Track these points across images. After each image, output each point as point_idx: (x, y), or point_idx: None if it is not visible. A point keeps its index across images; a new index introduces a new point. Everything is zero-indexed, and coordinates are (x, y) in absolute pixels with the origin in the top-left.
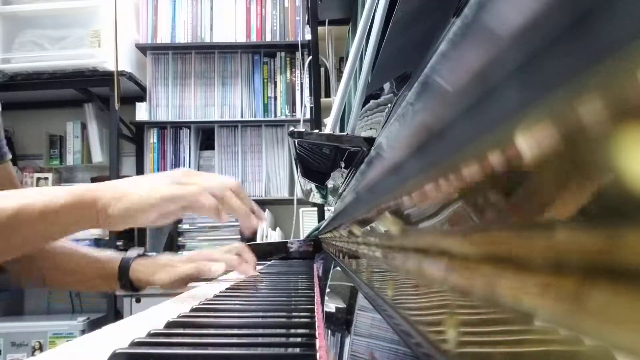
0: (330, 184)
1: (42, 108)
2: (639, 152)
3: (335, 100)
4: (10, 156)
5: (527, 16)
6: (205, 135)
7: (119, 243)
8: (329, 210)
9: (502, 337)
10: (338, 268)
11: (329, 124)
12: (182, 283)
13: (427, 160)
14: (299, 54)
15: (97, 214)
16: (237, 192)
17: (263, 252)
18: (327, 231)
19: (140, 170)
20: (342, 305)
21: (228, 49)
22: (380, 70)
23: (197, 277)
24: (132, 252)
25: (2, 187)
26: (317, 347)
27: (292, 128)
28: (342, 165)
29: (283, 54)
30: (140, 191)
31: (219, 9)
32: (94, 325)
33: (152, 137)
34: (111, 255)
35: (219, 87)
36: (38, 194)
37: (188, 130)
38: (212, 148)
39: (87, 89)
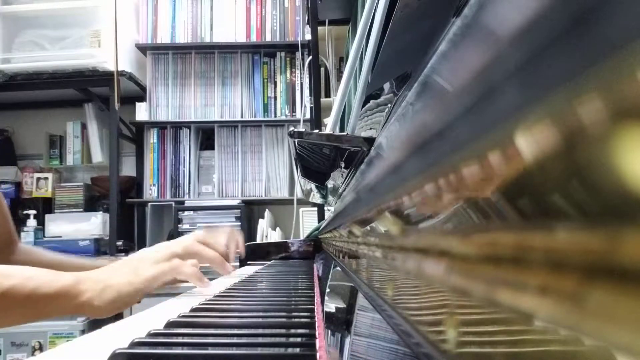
0: (330, 184)
1: (42, 108)
2: (639, 152)
3: (335, 100)
4: None
5: (527, 16)
6: (205, 135)
7: (119, 243)
8: (329, 210)
9: (502, 337)
10: (338, 268)
11: (329, 124)
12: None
13: (427, 160)
14: (299, 54)
15: (81, 306)
16: (205, 242)
17: (263, 252)
18: (327, 231)
19: (140, 170)
20: (342, 305)
21: (228, 49)
22: (380, 70)
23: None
24: (103, 261)
25: None
26: (317, 347)
27: (292, 128)
28: (342, 165)
29: (283, 54)
30: (122, 279)
31: (219, 9)
32: (94, 325)
33: (152, 137)
34: (101, 261)
35: (219, 87)
36: (25, 279)
37: (188, 130)
38: (212, 148)
39: (87, 89)
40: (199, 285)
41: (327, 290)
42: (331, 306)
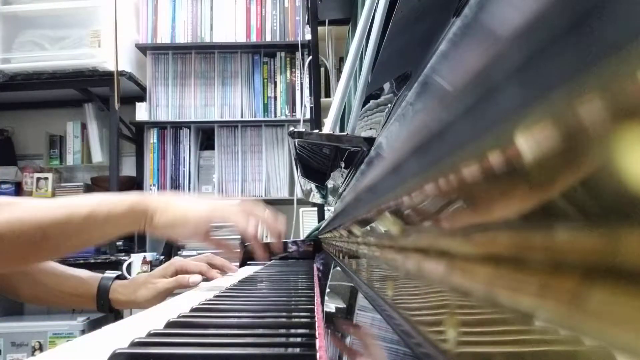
0: (330, 184)
1: (42, 108)
2: (639, 152)
3: (335, 100)
4: None
5: (527, 16)
6: (205, 135)
7: (119, 243)
8: (329, 210)
9: (502, 337)
10: (338, 268)
11: (329, 124)
12: (163, 297)
13: (427, 160)
14: (299, 54)
15: (144, 221)
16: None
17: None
18: (327, 231)
19: (140, 170)
20: (342, 305)
21: (228, 49)
22: (380, 70)
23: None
24: (110, 274)
25: None
26: (317, 347)
27: (292, 128)
28: (342, 165)
29: (283, 54)
30: (184, 205)
31: (219, 9)
32: (94, 325)
33: (152, 137)
34: (90, 275)
35: (219, 87)
36: (99, 201)
37: (188, 130)
38: (212, 148)
39: (87, 89)
40: (247, 236)
41: (327, 290)
42: (331, 306)
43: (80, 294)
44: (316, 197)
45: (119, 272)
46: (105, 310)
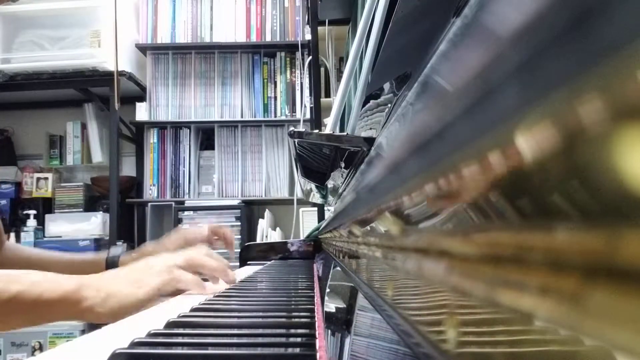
0: (330, 184)
1: (42, 108)
2: (639, 152)
3: (335, 100)
4: None
5: (527, 16)
6: (205, 135)
7: (119, 242)
8: (329, 210)
9: (502, 337)
10: (338, 268)
11: (329, 124)
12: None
13: (427, 160)
14: (299, 54)
15: (82, 312)
16: (209, 255)
17: (263, 252)
18: (327, 231)
19: (140, 170)
20: (342, 305)
21: (228, 49)
22: (380, 70)
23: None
24: (116, 249)
25: None
26: (317, 347)
27: (292, 128)
28: (342, 165)
29: (283, 54)
30: (125, 289)
31: (219, 9)
32: (94, 325)
33: (152, 137)
34: (94, 256)
35: (219, 87)
36: (31, 285)
37: (188, 130)
38: (212, 148)
39: (87, 89)
40: (200, 292)
41: (327, 290)
42: (331, 306)
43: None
44: (316, 197)
45: (125, 246)
46: None
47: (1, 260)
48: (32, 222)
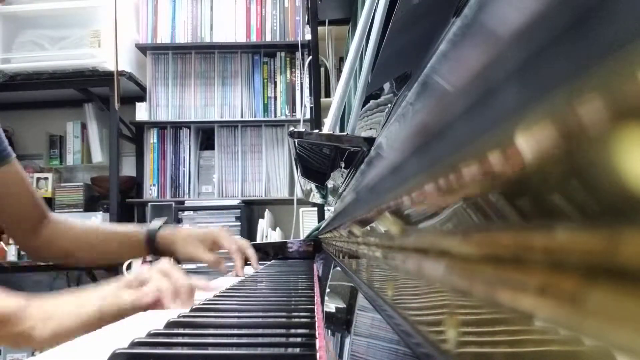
0: (330, 184)
1: (42, 108)
2: (639, 152)
3: (335, 100)
4: (14, 155)
5: (527, 16)
6: (205, 135)
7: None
8: (329, 210)
9: (502, 337)
10: (338, 268)
11: (328, 124)
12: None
13: (427, 160)
14: (299, 54)
15: (19, 335)
16: (166, 273)
17: (263, 252)
18: (327, 231)
19: (140, 170)
20: (342, 305)
21: (228, 49)
22: (380, 70)
23: None
24: (156, 222)
25: (15, 187)
26: (317, 347)
27: (292, 128)
28: (342, 165)
29: (283, 54)
30: (68, 311)
31: (219, 9)
32: None
33: (152, 137)
34: (135, 227)
35: (219, 87)
36: None
37: (188, 130)
38: (212, 148)
39: (87, 89)
40: (162, 308)
41: (327, 290)
42: (331, 306)
43: (129, 245)
44: (316, 197)
45: (164, 219)
46: (156, 252)
47: (49, 234)
48: None
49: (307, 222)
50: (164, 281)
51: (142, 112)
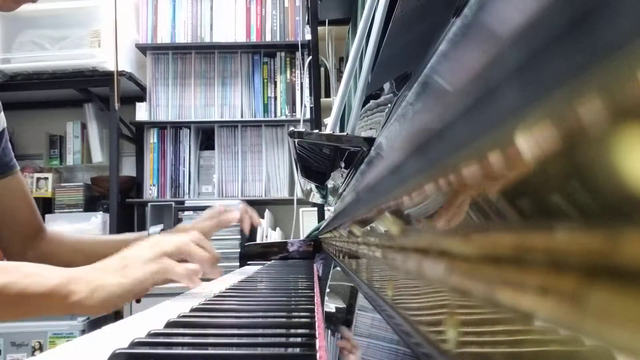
0: (330, 184)
1: (42, 108)
2: (639, 152)
3: (335, 100)
4: (19, 167)
5: (527, 16)
6: (205, 135)
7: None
8: (329, 210)
9: (502, 337)
10: (338, 268)
11: (329, 124)
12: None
13: (427, 160)
14: (299, 54)
15: (72, 306)
16: (200, 244)
17: (263, 252)
18: (327, 231)
19: (140, 170)
20: (342, 305)
21: (228, 49)
22: (380, 70)
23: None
24: (155, 228)
25: (15, 198)
26: (317, 347)
27: (292, 128)
28: (342, 165)
29: (283, 54)
30: (113, 280)
31: (219, 9)
32: (94, 325)
33: (152, 137)
34: (135, 236)
35: (219, 87)
36: (21, 276)
37: (188, 130)
38: (212, 148)
39: (87, 89)
40: (190, 285)
41: (327, 290)
42: (331, 306)
43: None
44: (316, 197)
45: (162, 226)
46: None
47: (44, 248)
48: None
49: (307, 222)
50: (204, 256)
51: (142, 112)
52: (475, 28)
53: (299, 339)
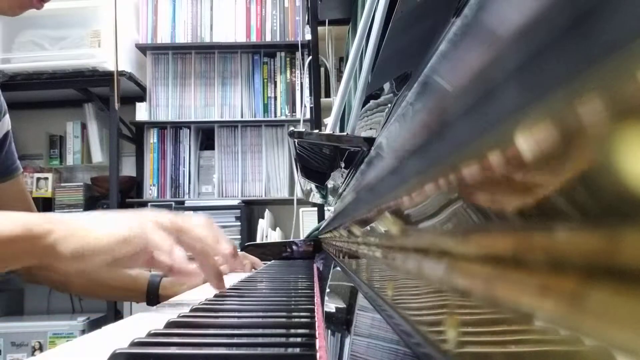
0: (330, 184)
1: (42, 108)
2: (639, 152)
3: (335, 100)
4: (21, 170)
5: (527, 16)
6: (205, 135)
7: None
8: (329, 210)
9: (502, 337)
10: (338, 268)
11: (329, 124)
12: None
13: (427, 160)
14: (299, 54)
15: (43, 249)
16: (207, 226)
17: (263, 252)
18: (327, 231)
19: (140, 170)
20: (342, 305)
21: (228, 49)
22: (380, 70)
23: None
24: (157, 272)
25: (15, 201)
26: (317, 347)
27: (292, 128)
28: (342, 165)
29: (283, 54)
30: (92, 232)
31: (219, 9)
32: (94, 325)
33: (152, 137)
34: (138, 272)
35: (219, 87)
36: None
37: (188, 130)
38: (212, 148)
39: (87, 89)
40: (170, 265)
41: (327, 290)
42: (331, 306)
43: (132, 289)
44: (316, 197)
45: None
46: (154, 303)
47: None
48: None
49: (307, 222)
50: (208, 235)
51: (142, 112)
52: (475, 28)
53: (299, 339)
